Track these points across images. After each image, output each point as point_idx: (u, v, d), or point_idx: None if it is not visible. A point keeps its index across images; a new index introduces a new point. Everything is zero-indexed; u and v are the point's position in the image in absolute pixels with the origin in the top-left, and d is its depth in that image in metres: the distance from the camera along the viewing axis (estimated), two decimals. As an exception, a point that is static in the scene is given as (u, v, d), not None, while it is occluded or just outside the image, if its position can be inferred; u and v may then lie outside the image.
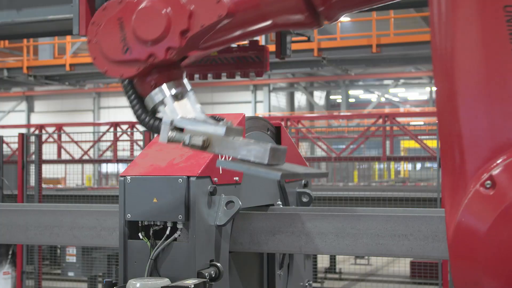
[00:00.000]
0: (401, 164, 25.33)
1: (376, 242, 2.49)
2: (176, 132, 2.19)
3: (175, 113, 2.22)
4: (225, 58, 9.14)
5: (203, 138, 2.12)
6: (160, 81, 2.25)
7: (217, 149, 2.13)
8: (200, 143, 2.11)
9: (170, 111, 2.23)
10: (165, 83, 2.25)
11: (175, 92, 2.26)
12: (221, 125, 2.13)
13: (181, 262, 2.40)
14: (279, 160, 2.11)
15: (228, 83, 29.16)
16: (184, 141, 2.15)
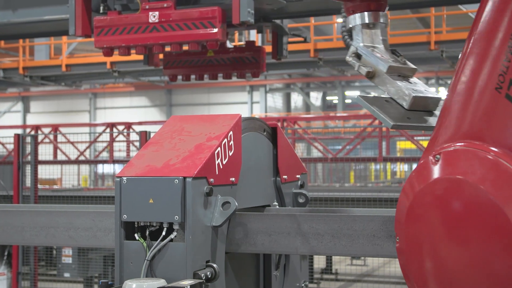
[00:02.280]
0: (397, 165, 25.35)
1: (372, 243, 2.49)
2: (353, 58, 2.42)
3: (359, 41, 2.44)
4: (221, 58, 9.20)
5: (368, 69, 2.34)
6: (357, 9, 2.46)
7: (376, 81, 2.36)
8: (365, 73, 2.33)
9: (356, 38, 2.44)
10: (360, 13, 2.44)
11: (367, 22, 2.44)
12: (387, 62, 2.32)
13: (177, 263, 2.39)
14: (424, 107, 2.25)
15: (224, 83, 29.15)
16: (355, 67, 2.41)
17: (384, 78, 2.34)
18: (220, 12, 6.75)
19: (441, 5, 13.35)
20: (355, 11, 2.47)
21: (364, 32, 2.44)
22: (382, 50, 2.42)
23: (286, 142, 3.21)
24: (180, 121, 2.83)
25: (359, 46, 2.42)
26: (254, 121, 2.99)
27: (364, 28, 2.44)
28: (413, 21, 22.63)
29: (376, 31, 2.46)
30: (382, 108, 2.27)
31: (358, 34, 2.46)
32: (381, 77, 2.35)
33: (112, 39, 7.10)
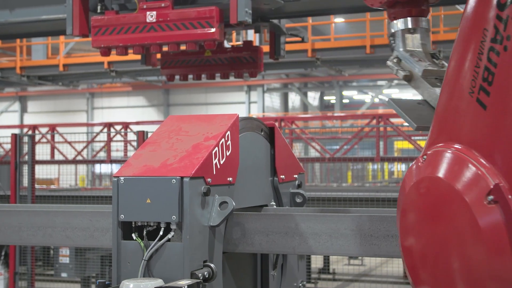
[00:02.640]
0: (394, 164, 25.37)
1: (369, 243, 2.49)
2: (394, 62, 2.51)
3: (399, 46, 2.53)
4: (219, 58, 9.20)
5: (406, 73, 2.42)
6: (398, 15, 2.54)
7: (413, 84, 2.43)
8: (402, 76, 2.40)
9: (398, 43, 2.54)
10: (402, 19, 2.53)
11: (408, 27, 2.52)
12: (422, 66, 2.40)
13: (175, 262, 2.39)
14: None
15: (222, 83, 29.14)
16: (393, 71, 2.48)
17: (419, 82, 2.42)
18: (217, 12, 6.75)
19: (438, 5, 13.37)
20: (397, 17, 2.55)
21: (405, 37, 2.52)
22: (421, 54, 2.49)
23: (283, 142, 3.21)
24: (177, 121, 2.83)
25: (399, 51, 2.51)
26: (251, 121, 2.99)
27: (405, 33, 2.52)
28: (410, 21, 22.65)
29: (416, 35, 2.53)
30: (411, 110, 2.35)
31: (399, 39, 2.54)
32: (417, 81, 2.43)
33: (110, 38, 7.10)
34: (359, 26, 21.79)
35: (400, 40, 2.53)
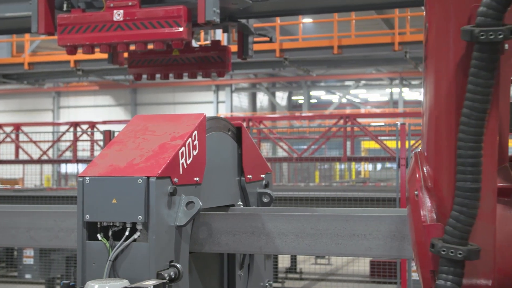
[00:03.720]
0: (361, 164, 25.57)
1: (335, 242, 2.51)
2: None
3: None
4: (186, 58, 9.16)
5: None
6: None
7: None
8: None
9: None
10: None
11: None
12: None
13: (141, 263, 2.38)
14: None
15: (190, 83, 29.04)
16: None
17: None
18: (185, 11, 6.73)
19: (405, 6, 13.50)
20: None
21: None
22: None
23: (250, 142, 3.21)
24: (144, 120, 2.82)
25: None
26: (218, 121, 2.99)
27: None
28: (377, 22, 22.86)
29: None
30: None
31: None
32: None
33: (76, 37, 7.03)
34: (327, 26, 21.91)
35: None
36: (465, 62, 1.82)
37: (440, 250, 1.79)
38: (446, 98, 1.90)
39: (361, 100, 39.12)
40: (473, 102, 1.76)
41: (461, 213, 1.78)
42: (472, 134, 1.77)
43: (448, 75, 1.90)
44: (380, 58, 18.13)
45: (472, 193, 1.77)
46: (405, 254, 2.47)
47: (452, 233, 1.78)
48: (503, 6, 1.69)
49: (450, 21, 1.88)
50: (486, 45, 1.73)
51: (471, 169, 1.77)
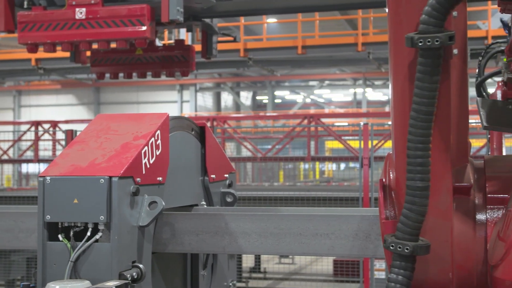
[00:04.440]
0: (325, 164, 25.72)
1: (298, 241, 2.52)
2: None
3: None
4: (150, 57, 9.11)
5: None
6: None
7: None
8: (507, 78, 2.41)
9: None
10: None
11: None
12: None
13: (103, 263, 2.36)
14: None
15: (154, 82, 28.87)
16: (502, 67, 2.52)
17: None
18: (149, 10, 6.69)
19: (367, 7, 13.63)
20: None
21: None
22: None
23: (214, 141, 3.21)
24: (106, 119, 2.79)
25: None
26: (182, 120, 2.98)
27: None
28: (341, 23, 23.02)
29: None
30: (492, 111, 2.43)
31: None
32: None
33: (37, 35, 6.93)
34: (291, 26, 21.98)
35: None
36: (414, 67, 1.89)
37: (390, 246, 1.85)
38: (401, 101, 1.96)
39: (325, 100, 39.35)
40: (419, 105, 1.84)
41: (410, 210, 1.84)
42: (419, 135, 1.84)
43: (402, 79, 1.96)
44: (344, 59, 18.27)
45: (420, 192, 1.84)
46: (367, 253, 2.49)
47: (403, 230, 1.84)
48: (443, 14, 1.79)
49: (402, 28, 1.94)
50: (427, 51, 1.81)
51: (419, 168, 1.83)
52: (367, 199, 9.39)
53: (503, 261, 1.66)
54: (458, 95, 1.97)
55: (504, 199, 1.88)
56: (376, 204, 8.91)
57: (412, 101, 1.86)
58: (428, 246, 1.85)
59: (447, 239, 1.89)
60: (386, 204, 1.98)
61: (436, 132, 1.88)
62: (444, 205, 1.91)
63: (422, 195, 1.84)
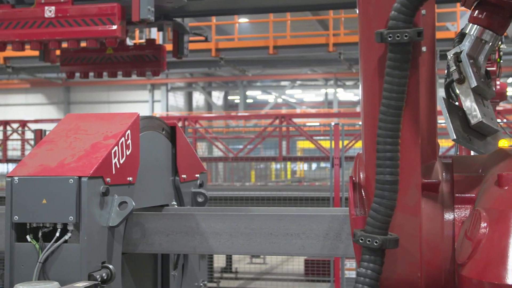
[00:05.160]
0: (297, 164, 25.81)
1: (269, 241, 2.52)
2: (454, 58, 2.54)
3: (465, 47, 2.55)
4: (121, 56, 9.04)
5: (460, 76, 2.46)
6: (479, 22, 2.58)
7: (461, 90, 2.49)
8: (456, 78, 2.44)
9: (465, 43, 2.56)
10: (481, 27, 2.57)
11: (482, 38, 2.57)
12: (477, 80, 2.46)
13: (72, 264, 2.34)
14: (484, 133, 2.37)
15: (125, 81, 28.69)
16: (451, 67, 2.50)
17: (468, 92, 2.52)
18: (119, 8, 6.64)
19: (339, 8, 13.71)
20: (476, 23, 2.62)
21: (474, 43, 2.59)
22: (479, 66, 2.60)
23: (185, 141, 3.20)
24: (76, 119, 2.77)
25: (464, 52, 2.57)
26: (152, 120, 2.97)
27: (476, 40, 2.60)
28: (312, 23, 23.13)
29: (484, 48, 2.62)
30: (454, 118, 2.45)
31: (468, 42, 2.61)
32: (466, 89, 2.53)
33: (5, 33, 6.85)
34: (263, 26, 22.01)
35: (469, 44, 2.59)
36: (383, 63, 1.92)
37: (359, 239, 1.86)
38: (371, 98, 1.99)
39: (296, 100, 39.49)
40: (389, 100, 1.87)
41: (380, 204, 1.86)
42: (388, 130, 1.87)
43: (372, 75, 1.99)
44: (315, 59, 18.35)
45: (389, 186, 1.85)
46: (338, 252, 2.50)
47: (372, 224, 1.86)
48: (412, 10, 1.84)
49: (372, 24, 1.98)
50: (396, 46, 1.85)
51: (388, 162, 1.86)
52: (338, 199, 9.44)
53: (470, 260, 1.69)
54: (427, 93, 2.00)
55: (471, 198, 1.91)
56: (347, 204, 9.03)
57: (381, 96, 1.89)
58: (397, 240, 1.86)
59: (416, 235, 1.91)
60: (356, 201, 2.00)
61: (405, 127, 1.91)
62: (413, 200, 1.93)
63: (391, 189, 1.85)
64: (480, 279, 1.63)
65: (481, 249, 1.67)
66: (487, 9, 2.64)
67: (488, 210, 1.72)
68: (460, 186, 1.95)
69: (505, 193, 1.74)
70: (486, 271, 1.62)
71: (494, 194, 1.78)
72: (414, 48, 1.91)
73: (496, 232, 1.66)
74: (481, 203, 1.81)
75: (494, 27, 2.63)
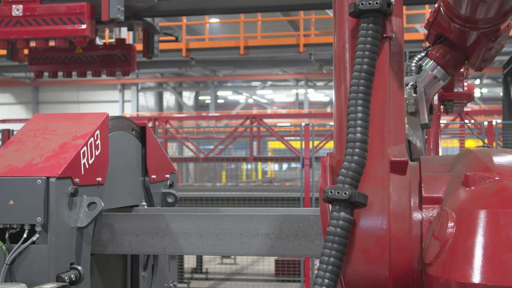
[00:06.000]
0: (268, 164, 25.86)
1: (239, 242, 2.52)
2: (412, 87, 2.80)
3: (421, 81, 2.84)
4: (90, 56, 8.98)
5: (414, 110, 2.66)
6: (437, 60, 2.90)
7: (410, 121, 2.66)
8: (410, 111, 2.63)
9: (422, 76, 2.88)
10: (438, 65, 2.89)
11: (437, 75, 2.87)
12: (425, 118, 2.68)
13: (39, 266, 2.31)
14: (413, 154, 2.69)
15: (95, 81, 28.46)
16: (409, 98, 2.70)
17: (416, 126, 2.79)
18: (88, 8, 6.59)
19: (309, 9, 13.78)
20: (435, 60, 2.89)
21: (430, 79, 2.87)
22: (428, 101, 2.85)
23: (155, 142, 3.19)
24: (44, 119, 2.74)
25: (421, 87, 2.85)
26: (122, 120, 2.95)
27: (431, 76, 2.87)
28: (283, 24, 23.19)
29: (436, 85, 2.90)
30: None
31: (425, 76, 2.89)
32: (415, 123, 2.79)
33: (-29, 32, 6.75)
34: (234, 27, 22.02)
35: (425, 78, 2.88)
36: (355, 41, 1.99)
37: (328, 192, 1.85)
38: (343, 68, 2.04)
39: (267, 101, 39.57)
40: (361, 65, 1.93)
41: (350, 162, 1.86)
42: (360, 92, 1.92)
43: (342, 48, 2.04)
44: (286, 59, 18.41)
45: (360, 143, 1.88)
46: (308, 252, 2.51)
47: (342, 180, 1.86)
48: None
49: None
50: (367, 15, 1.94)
51: (359, 122, 1.89)
52: (308, 199, 9.48)
53: (437, 259, 1.71)
54: (395, 81, 2.03)
55: (439, 198, 1.93)
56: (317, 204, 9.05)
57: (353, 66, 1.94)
58: (366, 197, 1.87)
59: (385, 207, 1.91)
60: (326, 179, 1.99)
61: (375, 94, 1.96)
62: (382, 173, 1.95)
63: (362, 147, 1.87)
64: (447, 278, 1.65)
65: (448, 249, 1.69)
66: (445, 49, 2.88)
67: (455, 210, 1.75)
68: (427, 186, 1.97)
69: (472, 193, 1.76)
70: (453, 270, 1.64)
71: (461, 194, 1.80)
72: (384, 28, 1.99)
73: (463, 231, 1.68)
74: (448, 203, 1.83)
75: (448, 66, 2.89)
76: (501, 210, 1.65)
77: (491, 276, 1.58)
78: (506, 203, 1.67)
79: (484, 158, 1.92)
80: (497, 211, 1.65)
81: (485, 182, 1.77)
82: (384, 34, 1.99)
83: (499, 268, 1.58)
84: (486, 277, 1.58)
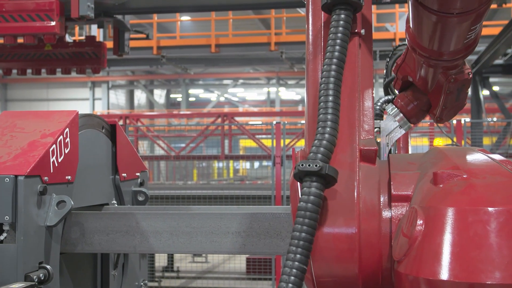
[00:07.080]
0: (239, 162, 25.86)
1: (210, 240, 2.52)
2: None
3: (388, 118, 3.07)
4: (60, 53, 8.89)
5: None
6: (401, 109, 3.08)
7: None
8: None
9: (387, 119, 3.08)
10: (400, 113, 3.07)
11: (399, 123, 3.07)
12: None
13: (7, 265, 2.29)
14: None
15: (64, 79, 28.18)
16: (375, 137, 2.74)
17: None
18: (58, 4, 6.53)
19: (280, 7, 13.80)
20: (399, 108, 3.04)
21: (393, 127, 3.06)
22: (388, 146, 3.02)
23: (125, 140, 3.17)
24: (12, 117, 2.71)
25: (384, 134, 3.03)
26: (92, 118, 2.92)
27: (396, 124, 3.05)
28: (255, 22, 23.20)
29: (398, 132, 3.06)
30: None
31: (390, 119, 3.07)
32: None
33: None
34: (205, 25, 21.96)
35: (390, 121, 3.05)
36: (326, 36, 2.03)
37: (300, 165, 1.85)
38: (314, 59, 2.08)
39: (239, 99, 39.57)
40: (331, 58, 1.96)
41: (321, 139, 1.88)
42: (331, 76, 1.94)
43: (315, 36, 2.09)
44: (257, 58, 18.43)
45: (331, 123, 1.90)
46: (279, 250, 2.52)
47: (314, 157, 1.86)
48: None
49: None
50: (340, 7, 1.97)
51: (330, 104, 1.91)
52: (279, 197, 9.51)
53: (406, 257, 1.72)
54: (365, 77, 2.06)
55: (407, 196, 1.95)
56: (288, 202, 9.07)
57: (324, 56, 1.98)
58: (337, 172, 1.87)
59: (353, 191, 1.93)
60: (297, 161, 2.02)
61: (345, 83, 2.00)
62: (352, 157, 1.98)
63: (333, 125, 1.89)
64: (415, 275, 1.67)
65: (417, 246, 1.71)
66: (410, 98, 3.01)
67: (424, 208, 1.77)
68: (397, 184, 1.98)
69: (440, 190, 1.78)
70: (421, 268, 1.66)
71: (430, 191, 1.82)
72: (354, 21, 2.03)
73: (431, 229, 1.70)
74: (417, 201, 1.85)
75: (411, 116, 3.03)
76: (469, 208, 1.67)
77: (459, 273, 1.60)
78: (474, 201, 1.69)
79: (452, 156, 1.94)
80: (465, 208, 1.68)
81: (453, 180, 1.80)
82: (355, 30, 2.03)
83: (467, 265, 1.60)
84: (454, 274, 1.60)
